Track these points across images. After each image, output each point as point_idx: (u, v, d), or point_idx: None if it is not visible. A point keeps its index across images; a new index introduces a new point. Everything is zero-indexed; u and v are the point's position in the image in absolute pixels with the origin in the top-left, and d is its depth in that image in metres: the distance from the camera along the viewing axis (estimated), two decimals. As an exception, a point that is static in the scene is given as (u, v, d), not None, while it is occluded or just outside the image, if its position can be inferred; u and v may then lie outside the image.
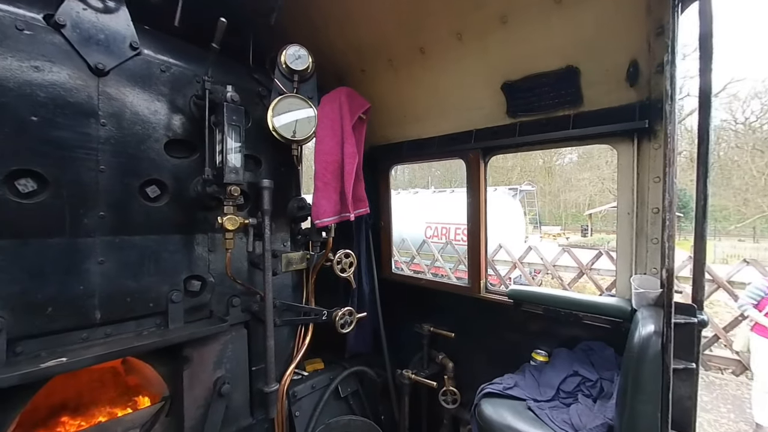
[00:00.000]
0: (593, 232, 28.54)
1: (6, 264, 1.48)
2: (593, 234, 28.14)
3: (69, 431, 1.99)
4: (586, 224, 29.09)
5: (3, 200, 1.47)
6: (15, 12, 1.49)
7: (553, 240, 27.19)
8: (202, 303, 2.10)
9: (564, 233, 30.39)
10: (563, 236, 28.37)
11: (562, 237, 28.03)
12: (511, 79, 2.19)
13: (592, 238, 28.10)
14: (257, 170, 2.38)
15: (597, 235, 28.43)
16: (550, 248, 15.01)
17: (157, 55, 1.91)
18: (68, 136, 1.62)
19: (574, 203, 36.32)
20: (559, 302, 2.19)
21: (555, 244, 24.86)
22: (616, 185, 2.09)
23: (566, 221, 37.23)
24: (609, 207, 25.23)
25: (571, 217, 37.49)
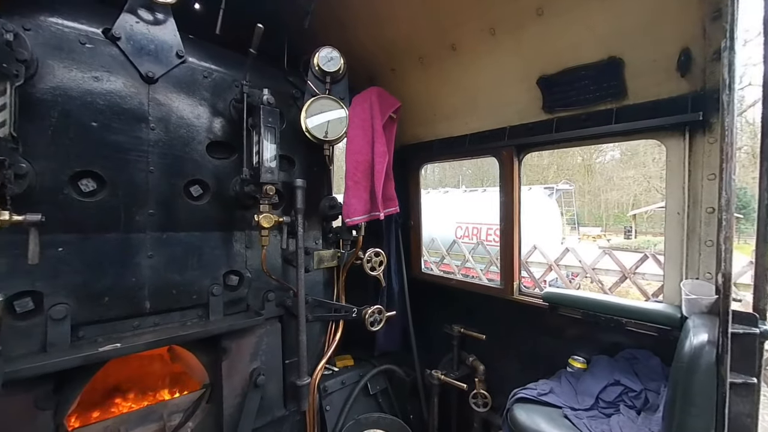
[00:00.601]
0: (638, 234, 26.76)
1: (70, 257, 1.63)
2: (638, 236, 26.38)
3: (121, 412, 2.16)
4: (630, 225, 27.31)
5: (68, 199, 1.63)
6: (78, 28, 1.64)
7: (593, 242, 25.78)
8: (240, 297, 2.20)
9: (605, 235, 28.73)
10: (604, 238, 26.84)
11: (602, 239, 26.51)
12: (547, 73, 2.11)
13: (637, 240, 26.37)
14: (291, 170, 2.46)
15: (642, 237, 26.64)
16: (590, 250, 14.23)
17: (200, 62, 2.03)
18: (123, 139, 1.76)
19: (616, 203, 34.21)
20: (599, 307, 2.08)
21: (595, 246, 23.57)
22: (664, 184, 1.94)
23: (607, 222, 35.14)
24: (656, 207, 23.51)
25: (613, 217, 35.32)
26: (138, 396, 2.28)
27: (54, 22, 1.59)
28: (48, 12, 1.58)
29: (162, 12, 1.85)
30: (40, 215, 1.36)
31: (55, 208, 1.58)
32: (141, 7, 1.78)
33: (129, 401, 2.27)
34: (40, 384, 1.49)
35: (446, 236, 12.03)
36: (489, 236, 12.24)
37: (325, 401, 2.55)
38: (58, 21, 1.60)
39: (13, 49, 1.34)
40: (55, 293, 1.59)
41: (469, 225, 12.94)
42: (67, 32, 1.61)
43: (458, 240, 11.57)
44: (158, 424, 1.92)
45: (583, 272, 8.44)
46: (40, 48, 1.54)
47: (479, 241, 10.71)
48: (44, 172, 1.56)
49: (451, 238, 11.49)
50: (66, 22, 1.62)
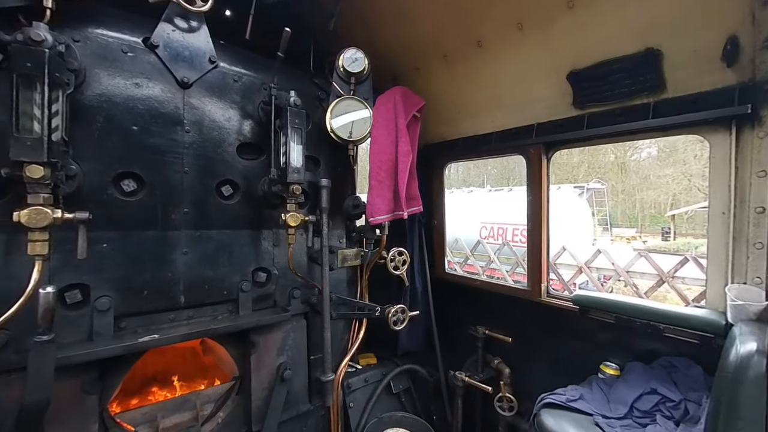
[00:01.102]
0: (677, 236, 25.22)
1: (114, 252, 1.75)
2: (677, 237, 24.87)
3: (158, 400, 2.29)
4: (668, 226, 25.78)
5: (112, 198, 1.74)
6: (121, 38, 1.75)
7: (627, 243, 24.52)
8: (267, 293, 2.27)
9: (640, 236, 27.28)
10: (639, 239, 25.49)
11: (637, 240, 25.18)
12: (578, 67, 2.03)
13: (676, 242, 24.88)
14: (316, 170, 2.51)
15: (681, 239, 25.10)
16: (623, 252, 13.54)
17: (230, 67, 2.11)
18: (160, 142, 1.86)
19: (652, 203, 32.41)
20: (634, 311, 1.98)
21: (629, 247, 22.41)
22: (707, 182, 1.82)
23: (643, 223, 33.33)
24: (698, 207, 22.05)
25: (649, 218, 33.46)
26: (173, 386, 2.41)
27: (100, 33, 1.70)
28: (95, 24, 1.69)
29: (196, 20, 1.94)
30: (88, 213, 1.46)
31: (100, 207, 1.70)
32: (177, 16, 1.87)
33: (164, 390, 2.40)
34: (87, 370, 1.60)
35: (470, 236, 11.84)
36: (515, 237, 11.95)
37: (348, 398, 2.58)
38: (103, 32, 1.71)
39: (65, 60, 1.45)
40: (100, 286, 1.70)
41: (494, 225, 12.68)
42: (111, 42, 1.72)
43: (483, 240, 11.36)
44: (192, 412, 2.01)
45: (616, 275, 8.05)
46: (87, 58, 1.65)
47: (505, 242, 10.47)
48: (90, 173, 1.68)
49: (475, 239, 11.29)
50: (110, 32, 1.73)
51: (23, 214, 1.31)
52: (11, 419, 1.42)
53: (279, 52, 1.94)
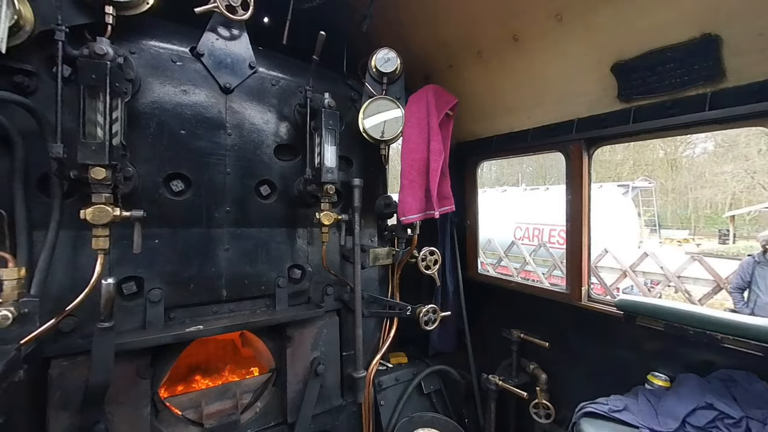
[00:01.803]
0: (736, 239, 23.04)
1: (164, 248, 1.88)
2: (736, 240, 22.72)
3: (200, 387, 2.43)
4: (726, 228, 23.60)
5: (162, 198, 1.88)
6: (171, 48, 1.88)
7: (678, 246, 22.69)
8: (302, 290, 2.35)
9: (693, 238, 25.16)
10: (692, 242, 23.50)
11: (690, 243, 23.24)
12: (624, 58, 1.91)
13: (735, 245, 22.72)
14: (349, 170, 2.56)
15: (742, 242, 22.87)
16: (674, 256, 12.56)
17: (268, 71, 2.19)
18: (205, 145, 1.98)
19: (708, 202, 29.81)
20: (688, 319, 1.84)
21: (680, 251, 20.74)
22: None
23: (696, 224, 30.69)
24: (762, 207, 19.97)
25: (704, 219, 30.75)
26: (214, 375, 2.55)
27: (153, 45, 1.84)
28: (148, 37, 1.83)
29: (237, 28, 2.04)
30: (143, 211, 1.58)
31: (152, 206, 1.84)
32: (220, 26, 1.98)
33: (207, 379, 2.55)
34: (141, 356, 1.74)
35: (504, 237, 11.51)
36: (552, 238, 11.46)
37: (379, 396, 2.60)
38: (155, 44, 1.85)
39: (123, 71, 1.58)
40: (152, 279, 1.84)
41: (530, 226, 12.24)
42: (162, 53, 1.86)
43: (517, 241, 11.00)
44: (232, 401, 2.12)
45: (666, 280, 7.49)
46: (141, 68, 1.79)
47: (541, 243, 10.07)
48: (144, 175, 1.82)
49: (509, 240, 10.95)
50: (161, 44, 1.87)
51: (88, 212, 1.45)
52: (78, 397, 1.57)
53: (314, 55, 2.00)
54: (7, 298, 1.28)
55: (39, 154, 1.52)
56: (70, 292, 1.58)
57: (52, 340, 1.58)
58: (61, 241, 1.59)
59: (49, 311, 1.50)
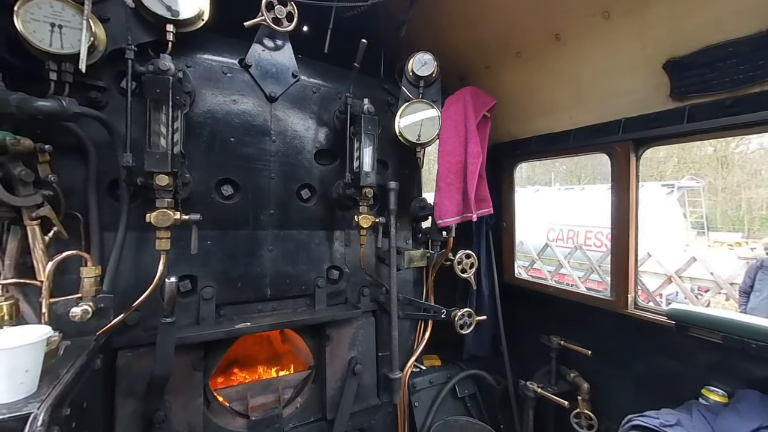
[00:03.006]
0: (801, 243, 20.93)
1: (215, 249, 2.00)
2: (801, 245, 20.63)
3: (238, 380, 2.56)
4: (788, 231, 21.57)
5: (214, 201, 2.00)
6: (222, 60, 2.00)
7: (730, 250, 20.95)
8: (340, 290, 2.41)
9: (747, 242, 23.15)
10: (745, 246, 21.64)
11: (743, 247, 21.41)
12: (677, 55, 1.81)
13: (799, 250, 20.68)
14: (384, 173, 2.59)
15: (805, 245, 20.79)
16: (725, 261, 11.63)
17: (309, 79, 2.27)
18: (252, 151, 2.08)
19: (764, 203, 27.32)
20: (749, 331, 1.71)
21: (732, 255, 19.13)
22: None
23: (751, 226, 28.22)
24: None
25: (759, 220, 28.21)
26: (252, 369, 2.68)
27: (206, 58, 1.96)
28: (202, 50, 1.96)
29: (281, 38, 2.13)
30: (199, 215, 1.70)
31: (205, 209, 1.95)
32: (266, 37, 2.08)
33: (244, 372, 2.68)
34: (195, 350, 1.87)
35: (536, 239, 11.15)
36: (588, 240, 10.98)
37: (413, 397, 2.62)
38: (208, 57, 1.97)
39: (182, 84, 1.70)
40: (205, 277, 1.96)
41: (564, 227, 11.81)
42: (215, 65, 1.97)
43: (551, 243, 10.63)
44: (275, 395, 2.22)
45: (716, 287, 6.97)
46: (196, 80, 1.92)
47: (577, 246, 9.67)
48: (198, 180, 1.94)
49: (541, 242, 10.60)
50: (214, 57, 1.99)
51: (153, 216, 1.57)
52: (141, 386, 1.71)
53: (356, 62, 2.05)
54: (87, 294, 1.42)
55: (109, 162, 1.67)
56: (135, 288, 1.73)
57: (119, 333, 1.72)
58: (127, 241, 1.73)
59: (117, 305, 1.64)
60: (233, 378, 2.65)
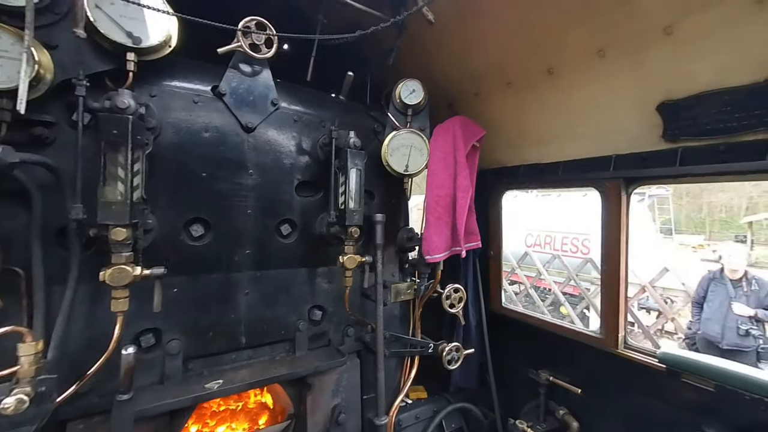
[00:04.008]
0: (754, 245, 22.47)
1: (183, 296, 1.80)
2: (754, 247, 22.18)
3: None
4: (744, 234, 23.03)
5: (182, 244, 1.80)
6: (192, 88, 1.81)
7: (693, 252, 22.10)
8: (323, 331, 2.25)
9: (708, 244, 24.52)
10: (707, 248, 22.91)
11: (705, 249, 22.64)
12: (673, 98, 1.78)
13: (753, 252, 22.15)
14: (370, 203, 2.46)
15: (760, 248, 22.29)
16: (690, 264, 12.09)
17: (290, 106, 2.11)
18: (226, 187, 1.90)
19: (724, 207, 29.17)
20: (742, 382, 1.69)
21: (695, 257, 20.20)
22: None
23: (711, 229, 29.93)
24: (783, 213, 19.42)
25: (719, 223, 29.99)
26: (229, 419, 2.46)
27: (174, 85, 1.76)
28: (169, 77, 1.76)
29: (260, 64, 1.95)
30: (164, 268, 1.51)
31: (172, 253, 1.76)
32: (242, 63, 1.90)
33: (215, 419, 2.45)
34: (159, 416, 1.66)
35: (516, 246, 11.31)
36: (564, 245, 11.24)
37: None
38: (177, 84, 1.77)
39: (145, 120, 1.50)
40: (170, 330, 1.76)
41: (541, 233, 12.02)
42: (184, 93, 1.78)
43: (529, 249, 10.81)
44: (251, 450, 2.04)
45: (686, 296, 7.24)
46: (162, 111, 1.72)
47: (555, 254, 9.87)
48: (164, 222, 1.74)
49: (521, 250, 10.75)
50: (183, 83, 1.79)
51: (108, 274, 1.37)
52: (95, 461, 1.50)
53: (341, 95, 1.90)
54: (25, 375, 1.20)
55: (57, 206, 1.44)
56: (88, 349, 1.52)
57: (68, 402, 1.50)
58: (78, 295, 1.52)
59: (67, 369, 1.43)
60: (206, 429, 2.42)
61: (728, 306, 5.17)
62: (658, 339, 7.33)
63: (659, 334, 7.82)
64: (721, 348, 5.16)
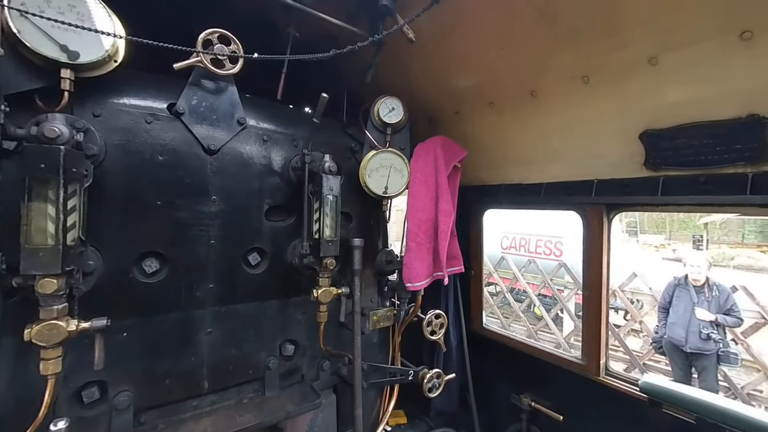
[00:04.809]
0: (709, 244, 24.03)
1: (133, 341, 1.59)
2: (709, 246, 23.72)
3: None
4: (700, 234, 24.57)
5: (132, 282, 1.59)
6: (144, 106, 1.60)
7: (656, 251, 23.31)
8: (295, 367, 2.09)
9: (669, 244, 25.98)
10: (668, 247, 24.26)
11: (666, 248, 23.96)
12: (655, 127, 1.75)
13: (709, 251, 23.67)
14: (347, 225, 2.31)
15: (715, 248, 23.83)
16: (653, 263, 12.60)
17: (259, 124, 1.93)
18: (185, 215, 1.70)
19: (682, 208, 30.63)
20: (723, 416, 1.69)
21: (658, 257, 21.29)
22: None
23: (671, 228, 31.71)
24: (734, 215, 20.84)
25: (678, 223, 31.81)
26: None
27: (123, 103, 1.55)
28: (117, 94, 1.54)
29: (224, 79, 1.76)
30: (106, 319, 1.31)
31: (120, 293, 1.55)
32: (204, 78, 1.71)
33: None
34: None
35: (492, 249, 11.47)
36: (539, 248, 11.51)
37: (379, 470, 2.38)
38: (126, 102, 1.56)
39: (83, 148, 1.30)
40: (119, 381, 1.55)
41: (516, 236, 12.26)
42: (134, 113, 1.57)
43: (505, 251, 11.01)
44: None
45: (653, 300, 7.55)
46: (108, 133, 1.50)
47: (530, 259, 10.07)
48: (111, 259, 1.53)
49: (497, 254, 10.92)
50: (133, 101, 1.58)
51: (35, 332, 1.17)
52: None
53: (314, 118, 1.75)
54: None
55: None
56: (15, 413, 1.29)
57: (-10, 478, 1.28)
58: (2, 351, 1.29)
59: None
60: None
61: (692, 311, 5.41)
62: (625, 338, 7.57)
63: (629, 334, 8.13)
64: (685, 351, 5.40)
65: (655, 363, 7.30)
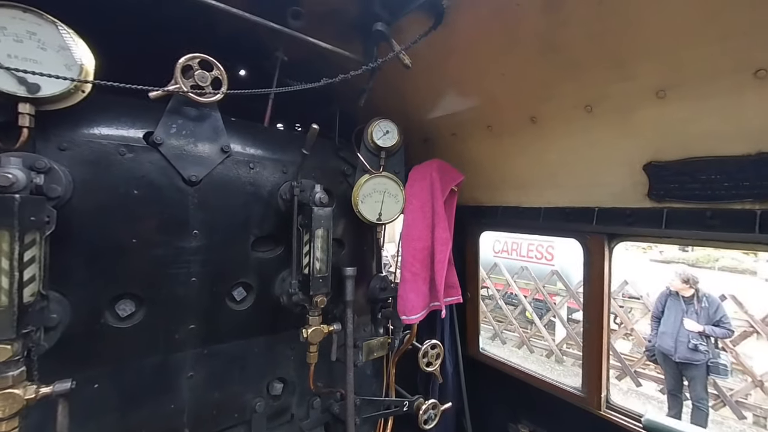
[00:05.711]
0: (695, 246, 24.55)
1: (106, 393, 1.46)
2: (694, 249, 24.24)
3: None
4: (687, 237, 24.90)
5: (104, 328, 1.45)
6: (117, 136, 1.46)
7: (643, 253, 23.64)
8: (284, 407, 1.97)
9: (656, 246, 26.43)
10: (655, 249, 24.65)
11: (653, 250, 24.34)
12: (660, 159, 1.69)
13: (694, 253, 24.20)
14: (339, 252, 2.20)
15: (699, 250, 24.32)
16: (640, 265, 12.70)
17: (245, 150, 1.81)
18: (164, 252, 1.57)
19: (669, 211, 31.26)
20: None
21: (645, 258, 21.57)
22: None
23: (658, 230, 32.26)
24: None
25: (665, 225, 32.38)
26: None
27: (93, 134, 1.41)
28: (86, 123, 1.41)
29: (207, 105, 1.64)
30: (71, 382, 1.17)
31: (90, 341, 1.42)
32: (184, 105, 1.58)
33: None
34: None
35: (484, 254, 11.46)
36: (530, 252, 11.54)
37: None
38: (97, 132, 1.42)
39: (44, 191, 1.16)
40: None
41: (508, 240, 12.28)
42: (106, 144, 1.43)
43: (498, 256, 11.03)
44: None
45: (644, 308, 7.60)
46: (77, 167, 1.37)
47: (522, 266, 10.10)
48: (80, 303, 1.39)
49: (490, 259, 10.91)
50: (105, 131, 1.44)
51: (-15, 405, 1.03)
52: None
53: (304, 149, 1.64)
54: None
55: None
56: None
57: None
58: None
59: None
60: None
61: (681, 321, 5.44)
62: (615, 341, 7.59)
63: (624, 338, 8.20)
64: (674, 360, 5.44)
65: (642, 369, 7.34)
